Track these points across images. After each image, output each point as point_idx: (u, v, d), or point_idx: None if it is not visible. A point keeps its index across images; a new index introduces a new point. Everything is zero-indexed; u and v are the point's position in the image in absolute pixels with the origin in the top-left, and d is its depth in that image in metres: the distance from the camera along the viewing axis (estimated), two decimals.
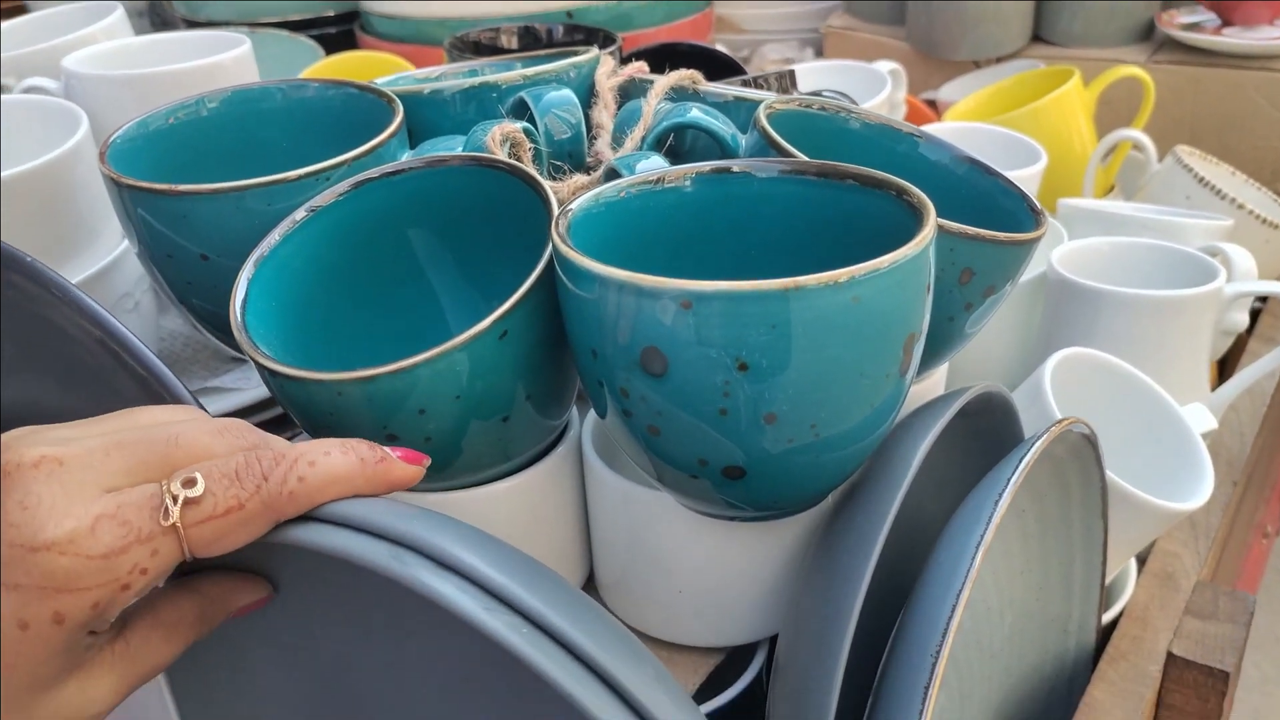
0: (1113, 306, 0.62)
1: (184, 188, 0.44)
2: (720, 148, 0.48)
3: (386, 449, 0.33)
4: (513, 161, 0.43)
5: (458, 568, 0.29)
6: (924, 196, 0.38)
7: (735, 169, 0.42)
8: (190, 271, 0.46)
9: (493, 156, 0.44)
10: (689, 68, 0.53)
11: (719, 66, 0.73)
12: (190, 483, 0.29)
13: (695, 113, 0.47)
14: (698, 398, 0.35)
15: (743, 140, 0.48)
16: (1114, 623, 0.56)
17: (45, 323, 0.42)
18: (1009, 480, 0.40)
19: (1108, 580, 0.55)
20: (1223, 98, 0.99)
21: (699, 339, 0.34)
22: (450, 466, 0.42)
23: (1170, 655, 0.54)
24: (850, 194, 0.40)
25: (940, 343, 0.45)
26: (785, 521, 0.44)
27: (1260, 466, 0.78)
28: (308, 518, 0.31)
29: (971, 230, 0.42)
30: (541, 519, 0.46)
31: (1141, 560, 0.60)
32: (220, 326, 0.49)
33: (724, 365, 0.34)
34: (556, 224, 0.38)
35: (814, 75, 0.91)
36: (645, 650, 0.33)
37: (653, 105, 0.49)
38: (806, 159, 0.42)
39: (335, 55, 0.95)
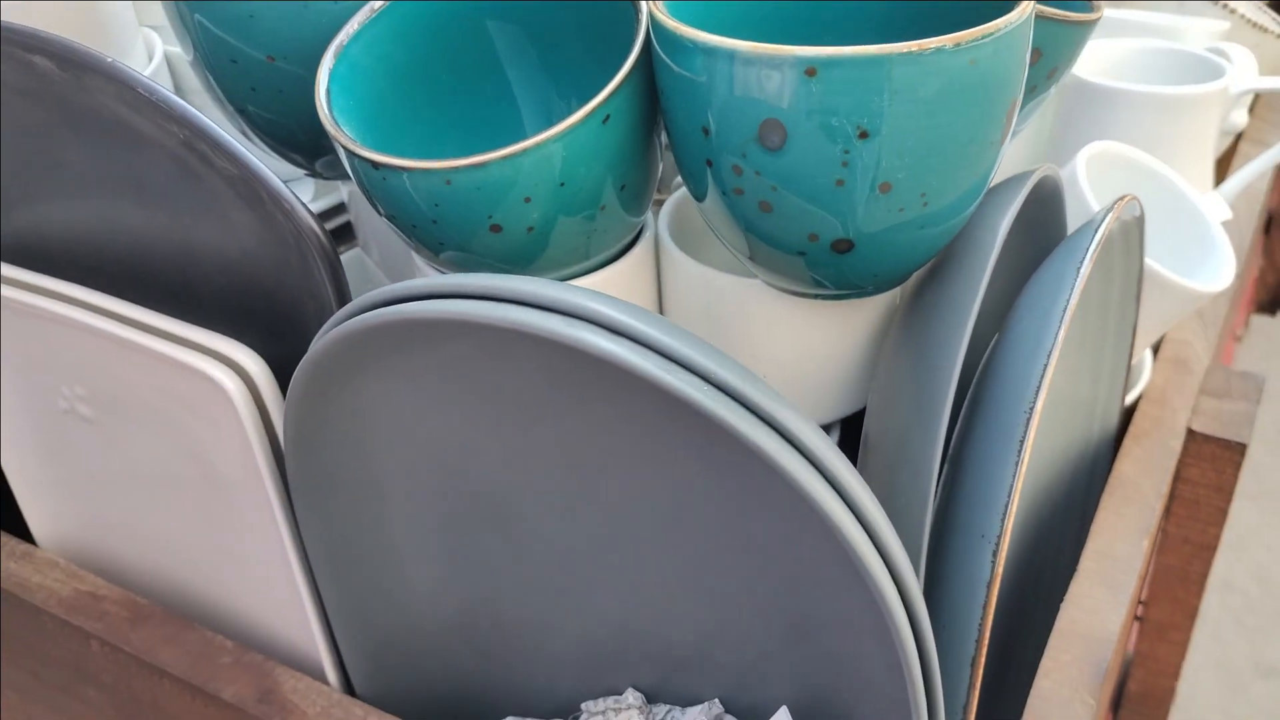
0: (1125, 105, 0.64)
1: None
2: None
3: None
4: None
5: (629, 333, 0.30)
6: None
7: None
8: (254, 77, 0.45)
9: None
10: None
11: None
12: None
13: None
14: (816, 169, 0.36)
15: None
16: (1131, 407, 0.59)
17: (123, 129, 0.41)
18: (1087, 249, 0.42)
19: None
20: None
21: (822, 107, 0.34)
22: (535, 261, 0.42)
23: (1190, 431, 0.57)
24: None
25: None
26: (865, 300, 0.45)
27: (1246, 267, 0.82)
28: (466, 295, 0.32)
29: (1042, 8, 0.43)
30: None
31: (1155, 350, 0.63)
32: (279, 136, 0.48)
33: (845, 134, 0.35)
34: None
35: None
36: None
37: None
38: None
39: None
